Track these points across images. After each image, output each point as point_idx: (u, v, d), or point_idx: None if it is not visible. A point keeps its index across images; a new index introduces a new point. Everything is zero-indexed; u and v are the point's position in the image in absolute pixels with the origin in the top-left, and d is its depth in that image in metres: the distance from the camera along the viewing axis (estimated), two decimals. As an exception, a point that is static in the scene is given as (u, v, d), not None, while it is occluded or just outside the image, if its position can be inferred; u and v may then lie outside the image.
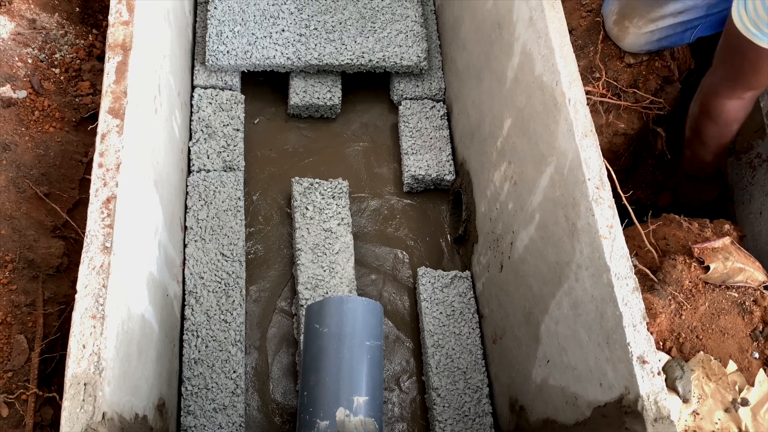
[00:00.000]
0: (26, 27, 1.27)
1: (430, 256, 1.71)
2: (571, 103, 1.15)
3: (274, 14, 1.75)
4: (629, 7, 1.39)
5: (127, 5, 1.13)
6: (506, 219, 1.42)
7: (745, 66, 1.16)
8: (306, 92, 1.77)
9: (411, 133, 1.78)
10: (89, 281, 0.93)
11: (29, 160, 1.18)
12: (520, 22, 1.32)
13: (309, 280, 1.54)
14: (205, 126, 1.68)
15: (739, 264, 1.24)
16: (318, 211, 1.64)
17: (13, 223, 1.11)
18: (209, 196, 1.60)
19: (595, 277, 1.08)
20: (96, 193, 0.98)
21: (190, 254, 1.53)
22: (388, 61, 1.75)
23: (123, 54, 1.09)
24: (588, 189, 1.09)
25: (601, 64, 1.47)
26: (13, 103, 1.21)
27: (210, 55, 1.69)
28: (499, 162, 1.45)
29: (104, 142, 1.02)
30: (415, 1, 1.82)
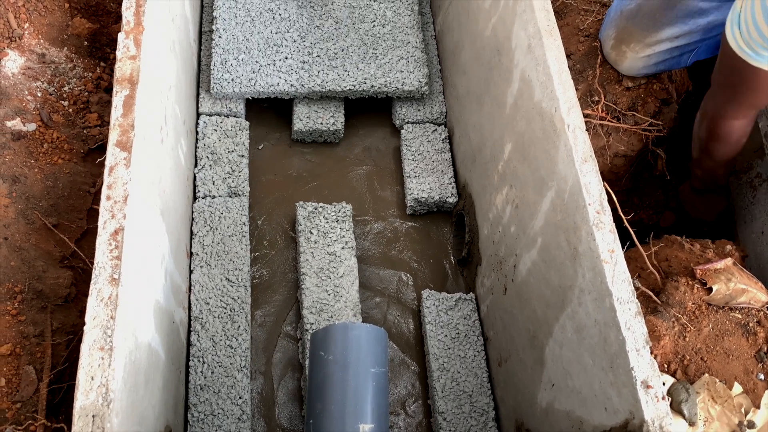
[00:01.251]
0: (36, 61, 1.31)
1: (434, 278, 1.72)
2: (571, 129, 1.17)
3: (278, 42, 1.78)
4: (626, 33, 1.41)
5: (134, 40, 1.16)
6: (509, 242, 1.43)
7: (744, 86, 1.17)
8: (309, 118, 1.80)
9: (413, 156, 1.80)
10: (97, 313, 0.95)
11: (38, 191, 1.20)
12: (519, 50, 1.34)
13: (314, 304, 1.55)
14: (210, 153, 1.70)
15: (742, 285, 1.25)
16: (322, 235, 1.65)
17: (22, 254, 1.13)
18: (215, 222, 1.62)
19: (597, 302, 1.08)
20: (104, 225, 1.00)
21: (196, 280, 1.54)
22: (390, 87, 1.78)
23: (130, 88, 1.11)
24: (589, 214, 1.11)
25: (600, 88, 1.49)
26: (22, 135, 1.23)
27: (215, 83, 1.72)
28: (500, 185, 1.47)
29: (112, 174, 1.04)
30: (415, 28, 1.85)
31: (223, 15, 1.80)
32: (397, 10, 1.87)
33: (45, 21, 1.39)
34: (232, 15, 1.80)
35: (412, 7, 1.88)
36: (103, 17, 1.53)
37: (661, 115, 1.51)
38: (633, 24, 1.39)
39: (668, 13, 1.34)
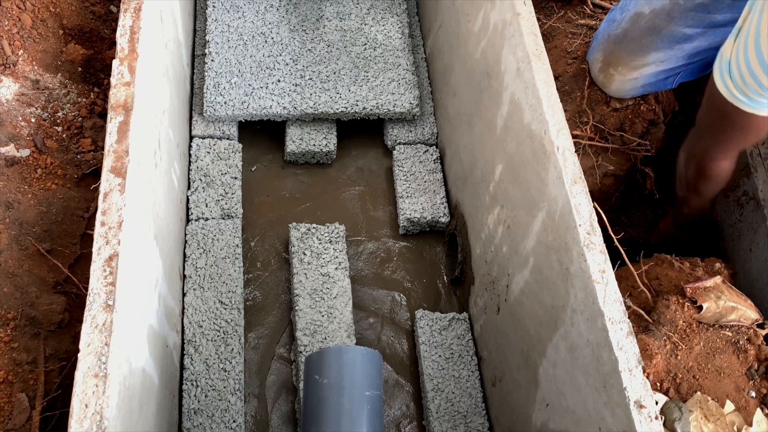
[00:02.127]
0: (30, 87, 1.31)
1: (428, 297, 1.73)
2: (560, 151, 1.19)
3: (270, 66, 1.80)
4: (613, 56, 1.44)
5: (128, 67, 1.17)
6: (501, 262, 1.44)
7: (735, 131, 1.15)
8: (302, 139, 1.81)
9: (405, 176, 1.82)
10: (92, 339, 0.95)
11: (32, 217, 1.20)
12: (508, 73, 1.36)
13: (307, 326, 1.55)
14: (203, 175, 1.71)
15: (731, 303, 1.26)
16: (315, 256, 1.66)
17: (15, 280, 1.13)
18: (208, 244, 1.62)
19: (589, 322, 1.09)
20: (98, 251, 1.00)
21: (189, 303, 1.54)
22: (382, 109, 1.80)
23: (125, 114, 1.12)
24: (579, 235, 1.12)
25: (589, 109, 1.52)
26: (16, 161, 1.24)
27: (208, 106, 1.74)
28: (492, 206, 1.48)
29: (107, 200, 1.04)
30: (406, 51, 1.88)
31: (215, 39, 1.82)
32: (387, 33, 1.90)
33: (39, 47, 1.41)
34: (225, 39, 1.82)
35: (402, 30, 1.91)
36: (97, 43, 1.55)
37: (648, 136, 1.53)
38: (620, 48, 1.42)
39: (654, 39, 1.37)
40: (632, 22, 1.40)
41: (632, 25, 1.40)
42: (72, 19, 1.50)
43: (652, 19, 1.37)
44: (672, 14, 1.35)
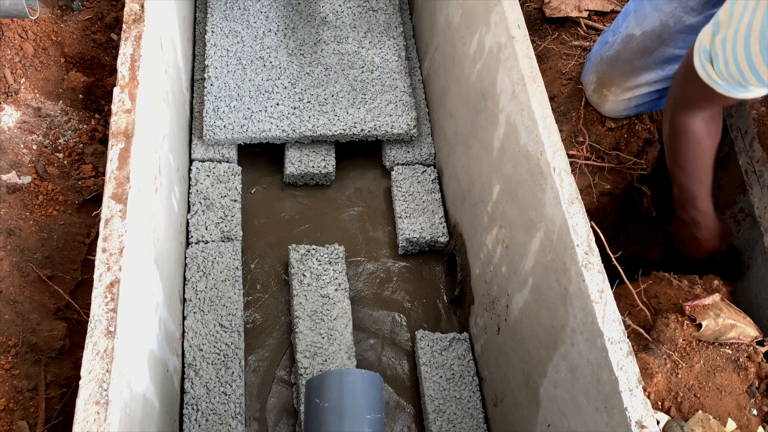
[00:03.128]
0: (32, 115, 1.33)
1: (428, 317, 1.73)
2: (556, 172, 1.20)
3: (269, 89, 1.82)
4: (607, 77, 1.46)
5: (129, 94, 1.19)
6: (500, 282, 1.45)
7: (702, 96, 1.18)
8: (301, 161, 1.83)
9: (404, 197, 1.83)
10: (93, 366, 0.95)
11: (33, 243, 1.21)
12: (504, 95, 1.38)
13: (308, 348, 1.55)
14: (203, 198, 1.72)
15: (730, 320, 1.27)
16: (315, 277, 1.66)
17: (16, 307, 1.13)
18: (207, 267, 1.63)
19: (589, 342, 1.10)
20: (100, 278, 1.01)
21: (189, 326, 1.54)
22: (380, 130, 1.82)
23: (126, 141, 1.14)
24: (577, 255, 1.13)
25: (584, 129, 1.54)
26: (18, 188, 1.25)
27: (207, 130, 1.75)
28: (490, 226, 1.49)
29: (108, 227, 1.05)
30: (403, 73, 1.90)
31: (214, 63, 1.84)
32: (384, 56, 1.92)
33: (41, 76, 1.42)
34: (224, 63, 1.85)
35: (399, 53, 1.93)
36: (98, 70, 1.57)
37: (644, 154, 1.55)
38: (613, 69, 1.44)
39: (646, 60, 1.40)
40: (624, 44, 1.43)
41: (624, 47, 1.43)
42: (73, 48, 1.53)
43: (644, 41, 1.39)
44: (663, 36, 1.37)
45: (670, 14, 1.35)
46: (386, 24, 1.98)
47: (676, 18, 1.34)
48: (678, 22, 1.35)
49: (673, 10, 1.35)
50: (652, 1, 1.38)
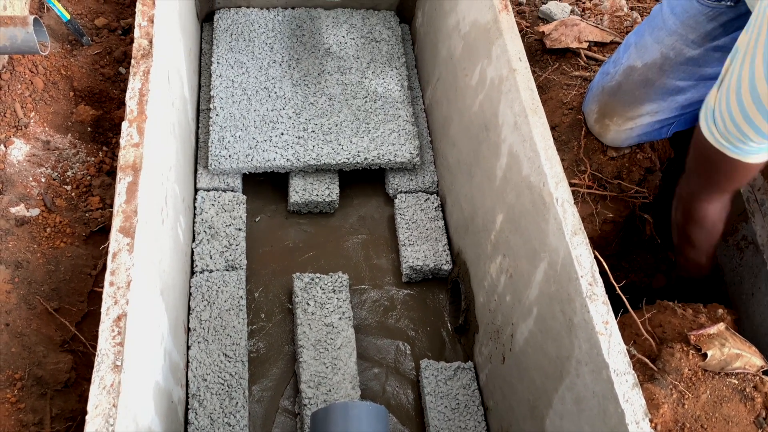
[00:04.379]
0: (41, 148, 1.35)
1: (432, 346, 1.73)
2: (559, 203, 1.21)
3: (274, 119, 1.85)
4: (608, 107, 1.48)
5: (137, 128, 1.21)
6: (505, 311, 1.45)
7: (719, 175, 1.18)
8: (305, 190, 1.84)
9: (407, 224, 1.84)
10: (99, 401, 0.95)
11: (40, 276, 1.22)
12: (506, 126, 1.40)
13: (312, 378, 1.55)
14: (208, 227, 1.73)
15: (736, 350, 1.27)
16: (319, 306, 1.66)
17: (23, 340, 1.14)
18: (212, 297, 1.63)
19: (595, 373, 1.10)
20: (107, 311, 1.02)
21: (194, 356, 1.54)
22: (383, 159, 1.83)
23: (133, 174, 1.15)
24: (581, 286, 1.13)
25: (586, 158, 1.55)
26: (26, 221, 1.26)
27: (212, 160, 1.77)
28: (494, 255, 1.50)
29: (115, 260, 1.06)
30: (405, 102, 1.93)
31: (220, 94, 1.87)
32: (387, 86, 1.95)
33: (50, 109, 1.45)
34: (229, 94, 1.87)
35: (401, 83, 1.96)
36: (106, 103, 1.59)
37: (646, 183, 1.56)
38: (614, 100, 1.46)
39: (647, 91, 1.42)
40: (625, 75, 1.45)
41: (626, 78, 1.45)
42: (82, 81, 1.55)
43: (645, 72, 1.42)
44: (664, 68, 1.39)
45: (671, 47, 1.37)
46: (389, 55, 2.01)
47: (677, 50, 1.37)
48: (678, 54, 1.37)
49: (674, 43, 1.37)
50: (653, 34, 1.40)
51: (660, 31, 1.39)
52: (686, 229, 1.35)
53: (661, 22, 1.40)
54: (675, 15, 1.37)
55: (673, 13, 1.37)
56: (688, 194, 1.29)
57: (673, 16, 1.37)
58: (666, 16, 1.39)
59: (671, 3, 1.39)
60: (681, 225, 1.36)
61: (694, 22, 1.34)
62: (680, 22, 1.36)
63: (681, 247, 1.42)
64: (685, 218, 1.33)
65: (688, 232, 1.36)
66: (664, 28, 1.38)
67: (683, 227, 1.36)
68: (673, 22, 1.37)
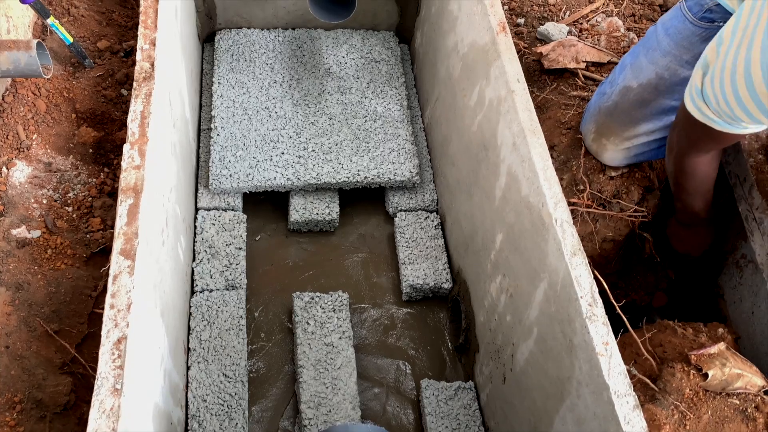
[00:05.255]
0: (43, 170, 1.36)
1: (432, 365, 1.72)
2: (558, 223, 1.22)
3: (274, 139, 1.86)
4: (605, 127, 1.49)
5: (139, 150, 1.22)
6: (505, 331, 1.45)
7: (706, 140, 1.23)
8: (305, 209, 1.85)
9: (407, 243, 1.85)
10: (99, 425, 0.95)
11: (41, 298, 1.22)
12: (505, 146, 1.41)
13: (312, 398, 1.54)
14: (208, 246, 1.74)
15: (737, 370, 1.26)
16: (319, 325, 1.66)
17: (23, 362, 1.13)
18: (212, 316, 1.63)
19: (595, 395, 1.09)
20: (107, 334, 1.02)
21: (193, 377, 1.54)
22: (383, 178, 1.84)
23: (135, 196, 1.16)
24: (581, 307, 1.13)
25: (585, 177, 1.56)
26: (27, 243, 1.27)
27: (213, 179, 1.78)
28: (494, 274, 1.50)
29: (116, 283, 1.06)
30: (405, 122, 1.94)
31: (221, 114, 1.88)
32: (387, 105, 1.96)
33: (53, 131, 1.46)
34: (230, 114, 1.89)
35: (401, 102, 1.98)
36: (108, 125, 1.60)
37: (645, 202, 1.57)
38: (611, 120, 1.48)
39: (643, 111, 1.43)
40: (622, 95, 1.46)
41: (622, 98, 1.46)
42: (84, 103, 1.57)
43: (641, 92, 1.43)
44: (659, 88, 1.40)
45: (666, 67, 1.39)
46: (388, 74, 2.03)
47: (672, 71, 1.38)
48: (673, 75, 1.38)
49: (668, 64, 1.38)
50: (648, 55, 1.42)
51: (655, 51, 1.41)
52: (678, 179, 1.39)
53: (655, 43, 1.41)
54: (669, 36, 1.39)
55: (667, 34, 1.39)
56: (677, 148, 1.32)
57: (667, 37, 1.39)
58: (660, 37, 1.40)
59: (665, 24, 1.41)
60: (674, 174, 1.39)
61: (687, 42, 1.35)
62: (674, 43, 1.37)
63: (676, 193, 1.45)
64: (677, 169, 1.36)
65: (680, 181, 1.39)
66: (659, 48, 1.40)
67: (676, 177, 1.39)
68: (668, 43, 1.38)
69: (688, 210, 1.47)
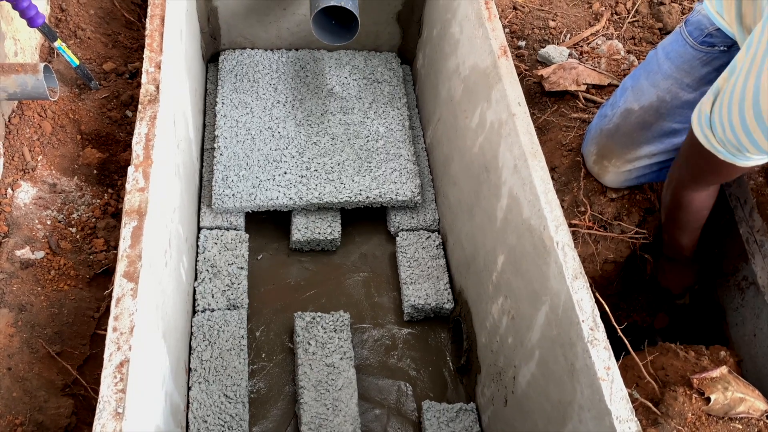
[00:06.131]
0: (47, 191, 1.37)
1: (434, 386, 1.72)
2: (560, 247, 1.22)
3: (277, 158, 1.87)
4: (607, 149, 1.50)
5: (143, 173, 1.23)
6: (507, 353, 1.44)
7: (708, 171, 1.22)
8: (307, 228, 1.86)
9: (409, 263, 1.85)
10: (100, 450, 0.95)
11: (43, 319, 1.23)
12: (506, 168, 1.42)
13: (312, 420, 1.54)
14: (210, 266, 1.74)
15: (739, 394, 1.26)
16: (320, 345, 1.66)
17: (24, 384, 1.14)
18: (213, 336, 1.63)
19: (597, 420, 1.09)
20: (110, 357, 1.02)
21: (194, 397, 1.53)
22: (384, 197, 1.85)
23: (138, 219, 1.17)
24: (583, 331, 1.13)
25: (586, 199, 1.57)
26: (31, 264, 1.27)
27: (216, 199, 1.79)
28: (495, 295, 1.50)
29: (119, 306, 1.07)
30: (407, 141, 1.95)
31: (224, 134, 1.90)
32: (389, 126, 1.98)
33: (58, 153, 1.47)
34: (234, 134, 1.90)
35: (402, 122, 1.99)
36: (112, 146, 1.62)
37: (645, 224, 1.57)
38: (612, 142, 1.49)
39: (644, 133, 1.44)
40: (623, 118, 1.47)
41: (623, 121, 1.47)
42: (90, 125, 1.58)
43: (642, 115, 1.44)
44: (660, 111, 1.42)
45: (667, 90, 1.40)
46: (390, 95, 2.05)
47: (673, 94, 1.39)
48: (675, 97, 1.40)
49: (670, 87, 1.40)
50: (649, 78, 1.43)
51: (656, 75, 1.42)
52: (672, 211, 1.39)
53: (656, 66, 1.43)
54: (670, 60, 1.40)
55: (668, 57, 1.40)
56: (677, 180, 1.32)
57: (668, 61, 1.40)
58: (661, 60, 1.42)
59: (666, 48, 1.42)
60: (668, 206, 1.40)
61: (688, 66, 1.37)
62: (675, 67, 1.39)
63: (666, 226, 1.46)
64: (673, 201, 1.37)
65: (674, 215, 1.40)
66: (660, 72, 1.41)
67: (670, 209, 1.40)
68: (668, 67, 1.40)
69: (674, 244, 1.49)
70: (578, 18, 2.01)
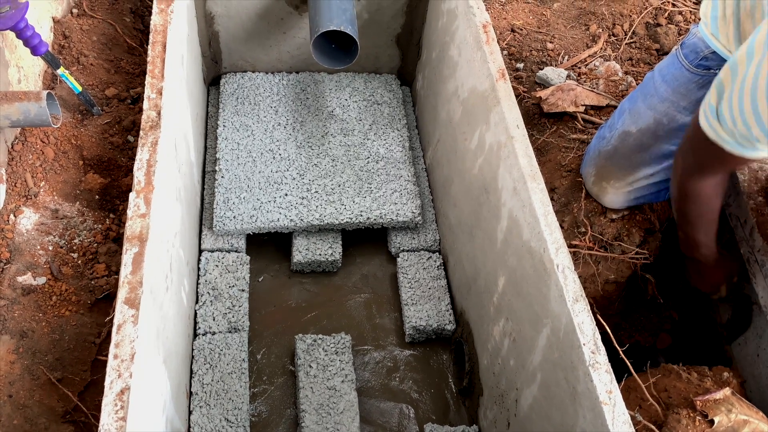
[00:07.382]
0: (49, 217, 1.38)
1: (436, 409, 1.71)
2: (560, 269, 1.22)
3: (278, 180, 1.88)
4: (605, 171, 1.51)
5: (144, 199, 1.23)
6: (509, 375, 1.44)
7: (714, 161, 1.20)
8: (308, 250, 1.86)
9: (410, 283, 1.85)
10: (100, 479, 0.94)
11: (45, 345, 1.23)
12: (505, 190, 1.43)
13: (315, 444, 1.53)
14: (211, 288, 1.74)
15: (743, 416, 1.25)
16: (322, 368, 1.65)
17: (25, 412, 1.13)
18: (214, 359, 1.63)
19: (600, 445, 1.08)
20: (110, 385, 1.02)
21: (195, 421, 1.52)
22: (385, 218, 1.86)
23: (140, 245, 1.17)
24: (584, 354, 1.13)
25: (586, 220, 1.57)
26: (32, 290, 1.28)
27: (217, 221, 1.80)
28: (497, 317, 1.50)
29: (120, 332, 1.07)
30: (407, 163, 1.96)
31: (226, 156, 1.91)
32: (389, 147, 1.99)
33: (60, 178, 1.49)
34: (235, 156, 1.91)
35: (402, 143, 2.00)
36: (114, 171, 1.63)
37: (646, 244, 1.58)
38: (611, 163, 1.49)
39: (642, 155, 1.45)
40: (621, 140, 1.48)
41: (621, 143, 1.48)
42: (92, 150, 1.60)
43: (640, 137, 1.45)
44: (658, 133, 1.43)
45: (664, 113, 1.41)
46: (390, 117, 2.06)
47: (670, 117, 1.41)
48: (672, 120, 1.41)
49: (666, 110, 1.41)
50: (646, 101, 1.44)
51: (652, 98, 1.43)
52: (682, 204, 1.34)
53: (653, 89, 1.44)
54: (666, 83, 1.41)
55: (665, 80, 1.42)
56: (683, 170, 1.28)
57: (664, 84, 1.41)
58: (657, 83, 1.43)
59: (662, 71, 1.43)
60: (677, 199, 1.35)
61: (684, 89, 1.38)
62: (671, 90, 1.40)
63: (678, 221, 1.40)
64: (680, 193, 1.32)
65: (683, 207, 1.34)
66: (656, 95, 1.42)
67: (679, 202, 1.35)
68: (665, 90, 1.41)
69: (689, 241, 1.43)
70: (576, 40, 2.03)
